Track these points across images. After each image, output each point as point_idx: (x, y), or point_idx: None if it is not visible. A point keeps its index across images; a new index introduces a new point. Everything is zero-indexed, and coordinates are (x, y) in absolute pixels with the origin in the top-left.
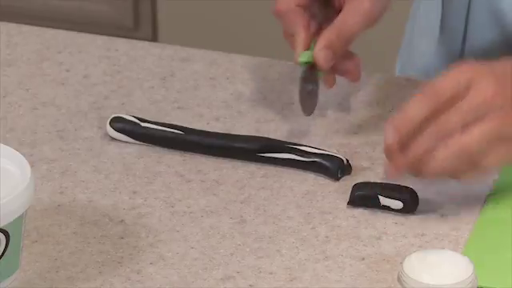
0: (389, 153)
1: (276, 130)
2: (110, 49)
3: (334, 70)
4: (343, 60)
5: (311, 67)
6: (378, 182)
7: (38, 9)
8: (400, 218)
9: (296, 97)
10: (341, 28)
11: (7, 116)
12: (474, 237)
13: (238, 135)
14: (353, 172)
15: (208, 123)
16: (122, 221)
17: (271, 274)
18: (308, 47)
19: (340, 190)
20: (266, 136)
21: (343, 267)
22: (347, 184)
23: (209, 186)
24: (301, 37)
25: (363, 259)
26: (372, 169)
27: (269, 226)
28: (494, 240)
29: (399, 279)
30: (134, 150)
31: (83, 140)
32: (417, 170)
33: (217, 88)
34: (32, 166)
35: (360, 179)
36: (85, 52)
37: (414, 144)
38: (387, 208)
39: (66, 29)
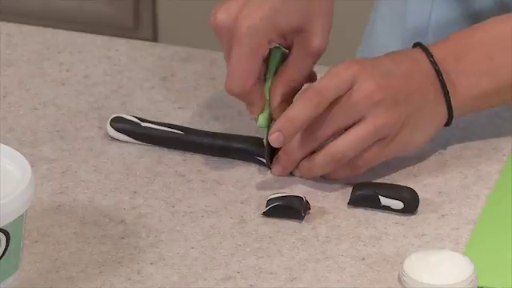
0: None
1: None
2: (110, 49)
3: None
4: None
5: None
6: (378, 182)
7: (38, 9)
8: (400, 218)
9: None
10: (292, 75)
11: (7, 116)
12: (475, 237)
13: (238, 135)
14: None
15: (208, 123)
16: (122, 221)
17: (272, 274)
18: (263, 109)
19: (340, 189)
20: None
21: (343, 267)
22: (347, 184)
23: (209, 186)
24: (257, 107)
25: (363, 259)
26: (372, 169)
27: (269, 226)
28: (494, 240)
29: (400, 279)
30: (135, 150)
31: (83, 140)
32: (298, 169)
33: (217, 88)
34: (32, 166)
35: (360, 179)
36: (85, 52)
37: (294, 146)
38: (387, 208)
39: (66, 29)
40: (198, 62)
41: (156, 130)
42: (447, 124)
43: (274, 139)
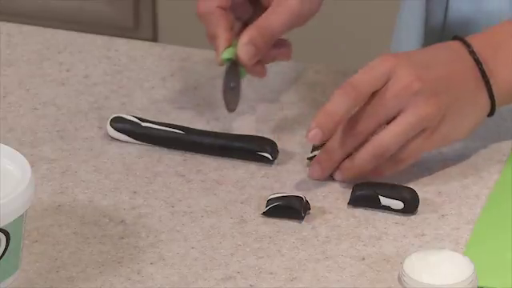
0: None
1: (276, 130)
2: (110, 49)
3: (264, 60)
4: (273, 48)
5: (234, 64)
6: (378, 182)
7: (38, 9)
8: (400, 218)
9: (292, 96)
10: (264, 24)
11: (7, 116)
12: (475, 237)
13: (238, 135)
14: None
15: (208, 123)
16: (122, 221)
17: (271, 273)
18: (230, 45)
19: (340, 189)
20: (265, 136)
21: (343, 267)
22: (347, 184)
23: (209, 186)
24: (223, 38)
25: (363, 259)
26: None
27: (269, 226)
28: (494, 240)
29: (400, 279)
30: (134, 150)
31: (83, 140)
32: (340, 171)
33: (217, 88)
34: (32, 166)
35: (360, 179)
36: (85, 52)
37: (335, 145)
38: (387, 208)
39: (66, 29)
40: (197, 62)
41: (156, 129)
42: (490, 114)
43: (313, 136)
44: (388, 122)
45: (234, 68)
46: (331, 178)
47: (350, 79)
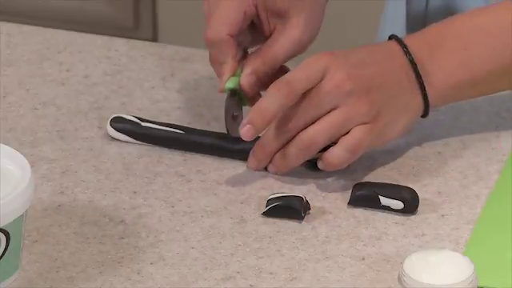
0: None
1: None
2: (110, 49)
3: (264, 89)
4: (274, 76)
5: (236, 92)
6: (378, 182)
7: (38, 9)
8: (400, 218)
9: None
10: (268, 54)
11: (7, 116)
12: (475, 237)
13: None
14: (353, 172)
15: (208, 123)
16: (122, 221)
17: (271, 273)
18: (234, 74)
19: (340, 190)
20: None
21: (343, 267)
22: (347, 184)
23: (209, 186)
24: (229, 66)
25: (363, 259)
26: (372, 169)
27: (269, 226)
28: (494, 240)
29: (399, 279)
30: (134, 150)
31: (83, 140)
32: (272, 164)
33: (217, 88)
34: (32, 166)
35: (360, 179)
36: (85, 52)
37: (269, 138)
38: (387, 208)
39: (66, 29)
40: (197, 62)
41: (156, 129)
42: (424, 115)
43: (246, 132)
44: None
45: (236, 96)
46: (331, 178)
47: (285, 76)
